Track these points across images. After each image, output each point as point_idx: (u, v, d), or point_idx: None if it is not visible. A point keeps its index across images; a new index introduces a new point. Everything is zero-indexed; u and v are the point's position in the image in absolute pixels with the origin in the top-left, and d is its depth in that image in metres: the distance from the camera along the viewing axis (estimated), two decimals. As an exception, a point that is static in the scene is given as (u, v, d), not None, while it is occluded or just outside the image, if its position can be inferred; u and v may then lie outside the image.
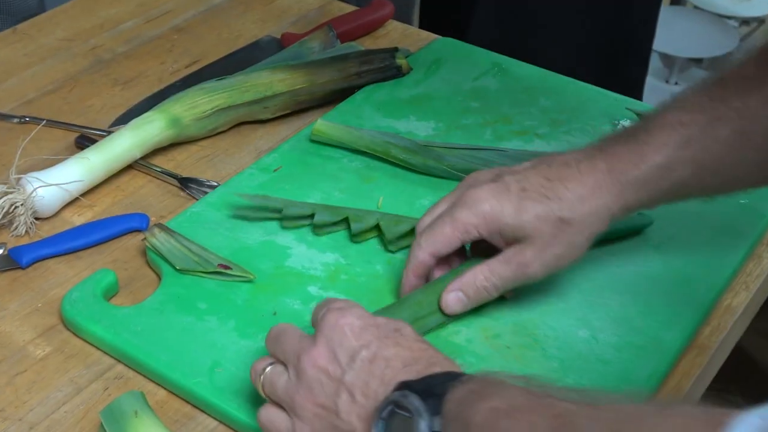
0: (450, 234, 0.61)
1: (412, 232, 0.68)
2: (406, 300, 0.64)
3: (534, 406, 0.42)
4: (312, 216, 0.71)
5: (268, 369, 0.55)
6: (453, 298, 0.62)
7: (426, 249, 0.62)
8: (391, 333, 0.51)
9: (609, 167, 0.60)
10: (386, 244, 0.70)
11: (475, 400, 0.43)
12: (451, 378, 0.46)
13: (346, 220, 0.71)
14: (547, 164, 0.61)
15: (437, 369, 0.49)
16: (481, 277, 0.61)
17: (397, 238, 0.70)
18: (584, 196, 0.59)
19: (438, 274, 0.64)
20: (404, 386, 0.47)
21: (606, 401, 0.40)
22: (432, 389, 0.46)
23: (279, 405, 0.54)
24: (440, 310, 0.63)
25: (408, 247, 0.69)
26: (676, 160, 0.59)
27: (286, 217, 0.71)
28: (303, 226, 0.72)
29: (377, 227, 0.71)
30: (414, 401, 0.45)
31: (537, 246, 0.60)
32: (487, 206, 0.60)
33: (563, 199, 0.59)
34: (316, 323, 0.55)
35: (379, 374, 0.49)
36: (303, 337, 0.54)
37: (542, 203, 0.60)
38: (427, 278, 0.64)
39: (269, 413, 0.54)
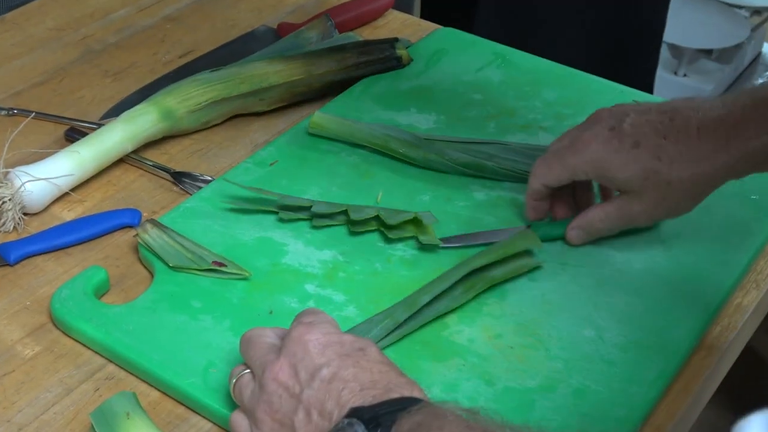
0: (559, 172, 0.67)
1: (412, 221, 0.68)
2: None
3: None
4: (309, 207, 0.70)
5: (241, 376, 0.55)
6: (575, 234, 0.68)
7: (539, 179, 0.68)
8: (354, 352, 0.51)
9: (730, 134, 0.60)
10: (386, 230, 0.69)
11: None
12: (402, 407, 0.46)
13: (345, 212, 0.70)
14: (670, 117, 0.63)
15: (394, 395, 0.48)
16: (597, 219, 0.67)
17: (397, 225, 0.69)
18: (697, 161, 0.61)
19: (556, 205, 0.70)
20: (354, 413, 0.47)
21: None
22: (380, 419, 0.46)
23: (245, 414, 0.55)
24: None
25: (409, 237, 0.69)
26: None
27: (283, 208, 0.70)
28: (301, 219, 0.70)
29: (377, 218, 0.69)
30: (359, 431, 0.46)
31: (644, 203, 0.64)
32: (596, 156, 0.64)
33: (674, 162, 0.61)
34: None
35: (336, 395, 0.49)
36: (271, 348, 0.54)
37: (652, 163, 0.62)
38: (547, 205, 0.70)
39: (237, 419, 0.55)
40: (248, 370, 0.55)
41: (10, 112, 0.84)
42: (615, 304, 0.65)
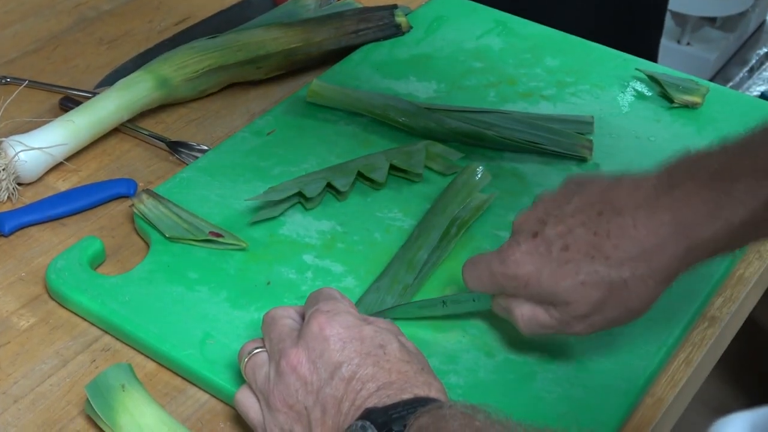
0: (487, 282, 0.56)
1: (393, 168, 0.70)
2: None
3: None
4: (299, 194, 0.68)
5: (254, 354, 0.54)
6: (499, 306, 0.57)
7: (469, 285, 0.58)
8: (375, 350, 0.50)
9: (676, 220, 0.50)
10: (374, 182, 0.70)
11: None
12: (413, 409, 0.46)
13: (329, 185, 0.69)
14: (597, 210, 0.52)
15: (406, 395, 0.48)
16: (519, 313, 0.56)
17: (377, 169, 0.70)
18: (638, 257, 0.51)
19: None
20: (368, 415, 0.47)
21: None
22: (391, 423, 0.46)
23: (255, 393, 0.54)
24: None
25: (404, 173, 0.71)
26: (764, 218, 0.49)
27: (273, 203, 0.68)
28: (294, 204, 0.69)
29: (359, 173, 0.70)
30: None
31: (581, 310, 0.53)
32: (523, 271, 0.54)
33: (611, 259, 0.51)
34: (305, 316, 0.54)
35: (353, 395, 0.49)
36: (291, 333, 0.53)
37: (586, 266, 0.52)
38: None
39: (245, 398, 0.54)
40: (262, 349, 0.54)
41: (3, 81, 0.83)
42: (616, 275, 0.65)
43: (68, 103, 0.79)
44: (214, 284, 0.63)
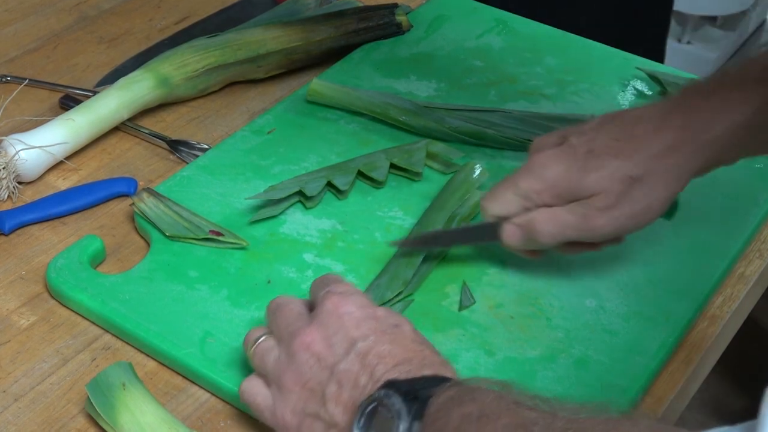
0: (511, 198, 0.59)
1: (393, 167, 0.70)
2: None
3: (502, 413, 0.42)
4: (300, 192, 0.68)
5: (261, 340, 0.54)
6: (510, 229, 0.60)
7: (488, 211, 0.61)
8: (390, 328, 0.51)
9: (685, 123, 0.57)
10: (374, 181, 0.70)
11: (452, 407, 0.44)
12: (436, 383, 0.46)
13: (329, 183, 0.69)
14: (617, 123, 0.59)
15: (428, 372, 0.48)
16: (540, 218, 0.58)
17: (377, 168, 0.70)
18: (657, 155, 0.57)
19: None
20: (390, 385, 0.47)
21: (570, 413, 0.41)
22: (416, 393, 0.45)
23: (264, 379, 0.54)
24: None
25: (404, 171, 0.70)
26: (762, 119, 0.57)
27: (270, 203, 0.68)
28: (295, 202, 0.69)
29: (359, 172, 0.70)
30: (396, 402, 0.45)
31: (605, 202, 0.57)
32: (551, 172, 0.58)
33: (634, 158, 0.57)
34: (314, 301, 0.54)
35: (370, 370, 0.49)
36: (300, 316, 0.53)
37: (610, 163, 0.57)
38: None
39: (252, 386, 0.54)
40: (268, 335, 0.54)
41: (4, 80, 0.82)
42: (617, 274, 0.65)
43: (68, 102, 0.79)
44: (214, 283, 0.63)
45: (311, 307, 0.54)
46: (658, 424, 0.38)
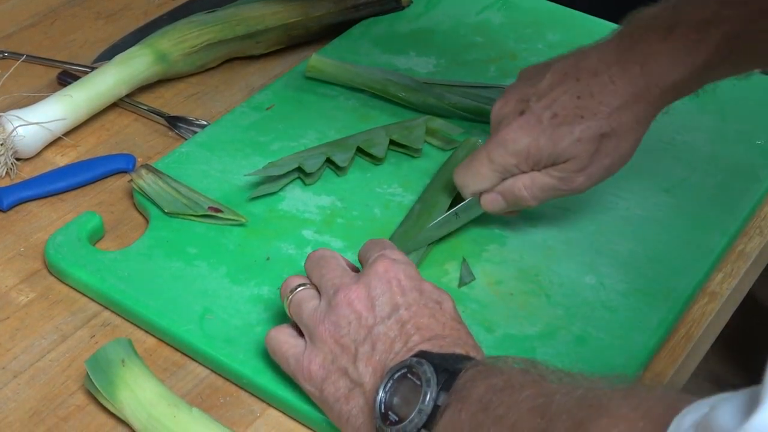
0: (489, 174, 0.61)
1: (393, 143, 0.70)
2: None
3: (526, 385, 0.43)
4: (299, 169, 0.68)
5: (301, 289, 0.54)
6: (491, 198, 0.62)
7: (468, 189, 0.62)
8: (432, 303, 0.51)
9: (645, 70, 0.57)
10: (373, 158, 0.70)
11: (479, 379, 0.45)
12: (466, 360, 0.47)
13: (329, 160, 0.69)
14: (574, 77, 0.59)
15: (459, 350, 0.49)
16: (520, 184, 0.60)
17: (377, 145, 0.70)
18: (621, 107, 0.58)
19: None
20: (423, 354, 0.48)
21: (588, 384, 0.42)
22: (447, 366, 0.46)
23: (295, 328, 0.54)
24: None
25: (404, 148, 0.70)
26: (719, 59, 0.57)
27: (269, 179, 0.68)
28: (294, 179, 0.69)
29: (358, 149, 0.70)
30: (427, 371, 0.46)
31: (579, 164, 0.59)
32: (521, 145, 0.59)
33: (599, 114, 0.58)
34: (363, 261, 0.55)
35: (406, 337, 0.50)
36: (345, 272, 0.54)
37: (578, 124, 0.58)
38: None
39: (281, 332, 0.54)
40: (306, 285, 0.54)
41: (1, 55, 0.82)
42: (617, 251, 0.65)
43: (66, 78, 0.79)
44: (213, 260, 0.63)
45: (352, 267, 0.55)
46: (672, 392, 0.39)
